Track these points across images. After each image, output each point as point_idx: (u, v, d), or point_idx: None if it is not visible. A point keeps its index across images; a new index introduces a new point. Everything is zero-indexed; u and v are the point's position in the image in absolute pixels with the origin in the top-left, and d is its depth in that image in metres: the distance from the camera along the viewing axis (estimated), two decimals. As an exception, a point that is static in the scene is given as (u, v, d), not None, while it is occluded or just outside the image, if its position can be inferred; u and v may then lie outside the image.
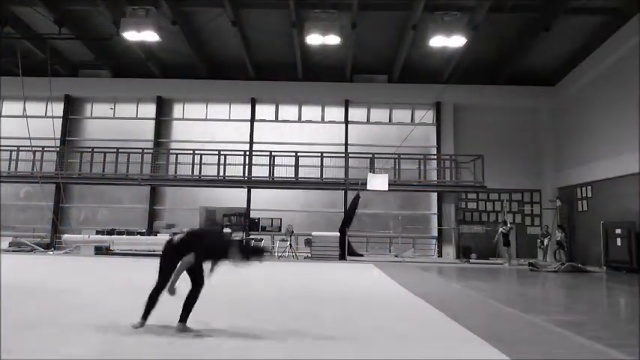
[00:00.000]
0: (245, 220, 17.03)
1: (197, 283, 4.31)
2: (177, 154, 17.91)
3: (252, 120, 19.31)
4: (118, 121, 19.67)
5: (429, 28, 14.11)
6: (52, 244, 17.22)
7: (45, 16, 14.91)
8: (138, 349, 3.61)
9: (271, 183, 17.33)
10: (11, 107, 19.49)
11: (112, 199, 19.09)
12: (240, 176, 17.26)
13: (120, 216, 18.76)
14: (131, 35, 14.24)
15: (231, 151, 17.62)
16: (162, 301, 4.22)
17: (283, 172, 17.26)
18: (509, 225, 15.75)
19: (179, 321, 4.21)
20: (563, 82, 17.77)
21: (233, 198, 18.06)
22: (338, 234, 15.96)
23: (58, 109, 18.55)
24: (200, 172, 17.34)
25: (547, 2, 13.89)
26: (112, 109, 19.72)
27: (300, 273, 10.92)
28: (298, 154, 17.25)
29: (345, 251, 15.83)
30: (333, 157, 17.55)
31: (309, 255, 15.93)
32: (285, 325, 4.74)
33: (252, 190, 18.36)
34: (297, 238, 17.12)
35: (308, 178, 17.11)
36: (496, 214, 18.27)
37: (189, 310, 4.25)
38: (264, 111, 19.54)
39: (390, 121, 19.38)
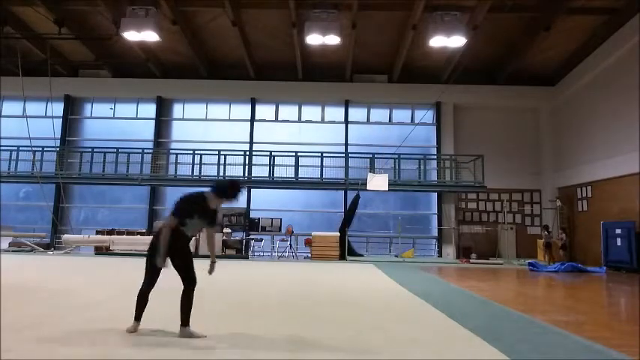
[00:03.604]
0: (245, 220, 17.04)
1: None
2: (177, 154, 17.92)
3: (252, 120, 19.31)
4: (118, 121, 19.68)
5: (429, 28, 14.11)
6: (52, 244, 17.23)
7: (45, 16, 14.91)
8: (138, 350, 3.61)
9: (271, 183, 17.33)
10: (11, 107, 19.49)
11: (112, 199, 19.10)
12: (240, 176, 17.26)
13: (120, 216, 18.77)
14: (131, 35, 14.23)
15: (231, 151, 17.63)
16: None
17: (283, 172, 17.26)
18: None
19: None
20: (563, 82, 17.77)
21: (233, 198, 18.03)
22: (338, 234, 15.97)
23: (58, 109, 18.56)
24: (200, 172, 17.35)
25: (547, 2, 13.89)
26: (112, 109, 19.73)
27: (300, 273, 10.91)
28: (298, 154, 17.26)
29: (345, 251, 15.84)
30: (333, 157, 17.55)
31: (309, 255, 15.95)
32: (285, 325, 4.74)
33: (252, 190, 18.36)
34: (297, 238, 17.14)
35: (308, 178, 17.11)
36: (496, 214, 18.27)
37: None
38: (264, 111, 19.54)
39: (390, 121, 19.38)
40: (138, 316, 4.10)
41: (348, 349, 3.80)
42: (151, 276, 4.06)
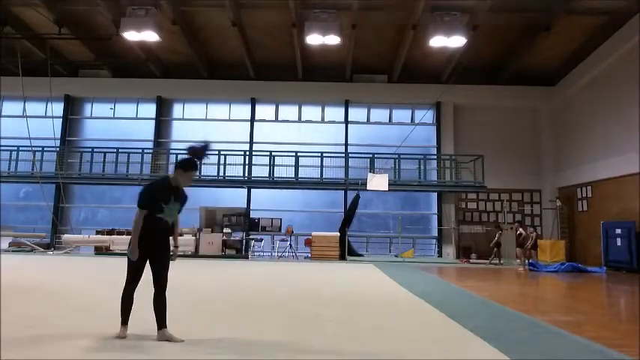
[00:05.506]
0: (245, 220, 17.04)
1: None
2: (177, 154, 17.90)
3: (252, 120, 19.30)
4: (118, 121, 19.68)
5: (429, 28, 14.11)
6: (52, 244, 17.22)
7: (45, 16, 14.91)
8: (138, 350, 3.61)
9: (271, 183, 17.33)
10: (11, 107, 19.49)
11: (111, 199, 19.10)
12: (240, 176, 17.27)
13: (120, 216, 18.76)
14: (131, 35, 14.23)
15: (231, 151, 17.62)
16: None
17: (283, 172, 17.26)
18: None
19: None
20: (563, 82, 17.77)
21: (233, 198, 18.06)
22: (338, 234, 15.98)
23: (58, 109, 18.56)
24: (200, 172, 17.33)
25: (547, 2, 13.90)
26: (112, 109, 19.73)
27: (300, 273, 10.91)
28: (298, 154, 17.26)
29: (345, 251, 15.84)
30: (333, 157, 17.55)
31: (309, 255, 15.94)
32: (285, 325, 4.74)
33: (252, 190, 18.36)
34: (297, 238, 17.13)
35: (308, 178, 17.12)
36: (496, 214, 18.27)
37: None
38: (264, 111, 19.54)
39: (390, 121, 19.38)
40: (125, 320, 3.91)
41: (348, 349, 3.80)
42: (134, 274, 3.91)
